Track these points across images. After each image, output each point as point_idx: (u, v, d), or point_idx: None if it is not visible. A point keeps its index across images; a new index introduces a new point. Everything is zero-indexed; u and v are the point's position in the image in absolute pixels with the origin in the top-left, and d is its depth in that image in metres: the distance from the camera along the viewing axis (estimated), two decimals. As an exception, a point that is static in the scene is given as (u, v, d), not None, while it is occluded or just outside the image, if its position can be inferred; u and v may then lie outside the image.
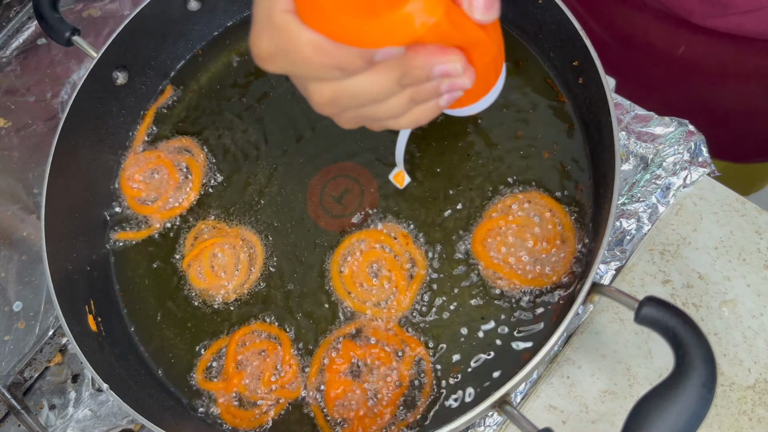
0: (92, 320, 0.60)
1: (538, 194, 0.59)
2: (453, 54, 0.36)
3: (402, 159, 0.56)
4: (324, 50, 0.34)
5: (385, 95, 0.38)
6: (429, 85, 0.38)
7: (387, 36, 0.33)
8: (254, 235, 0.63)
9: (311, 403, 0.56)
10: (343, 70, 0.36)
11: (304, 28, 0.34)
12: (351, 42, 0.34)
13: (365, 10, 0.33)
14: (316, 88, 0.38)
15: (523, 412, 0.52)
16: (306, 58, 0.35)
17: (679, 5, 0.66)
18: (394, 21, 0.33)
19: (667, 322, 0.41)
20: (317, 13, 0.34)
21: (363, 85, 0.37)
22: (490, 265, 0.57)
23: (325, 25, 0.34)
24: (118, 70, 0.68)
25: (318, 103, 0.39)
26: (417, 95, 0.39)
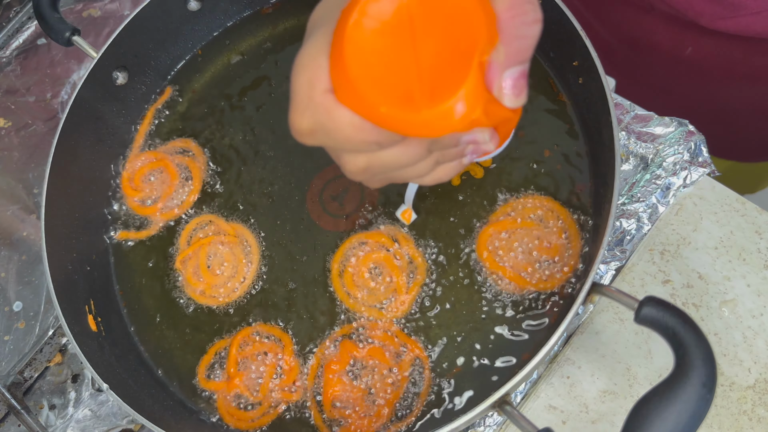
0: (92, 320, 0.60)
1: (540, 196, 0.59)
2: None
3: (411, 199, 0.57)
4: (364, 130, 0.36)
5: (415, 162, 0.39)
6: (455, 150, 0.40)
7: (426, 128, 0.35)
8: (252, 234, 0.63)
9: (309, 403, 0.56)
10: (381, 146, 0.37)
11: (345, 109, 0.35)
12: (390, 128, 0.35)
13: (405, 104, 0.34)
14: (351, 158, 0.39)
15: (523, 412, 0.52)
16: (346, 137, 0.36)
17: (689, 7, 0.66)
18: (433, 115, 0.34)
19: (667, 322, 0.41)
20: (357, 100, 0.35)
21: (396, 155, 0.38)
22: (495, 268, 0.57)
23: (364, 111, 0.35)
24: (118, 70, 0.68)
25: (351, 171, 0.40)
26: (443, 158, 0.40)
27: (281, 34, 0.73)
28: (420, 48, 0.34)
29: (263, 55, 0.72)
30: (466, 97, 0.34)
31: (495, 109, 0.35)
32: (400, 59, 0.34)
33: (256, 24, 0.74)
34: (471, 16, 0.33)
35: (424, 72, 0.34)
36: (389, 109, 0.34)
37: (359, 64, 0.34)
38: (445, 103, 0.34)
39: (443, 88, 0.34)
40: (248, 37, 0.73)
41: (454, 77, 0.34)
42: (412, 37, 0.34)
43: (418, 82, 0.34)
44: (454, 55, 0.34)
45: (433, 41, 0.34)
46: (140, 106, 0.71)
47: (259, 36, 0.73)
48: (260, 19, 0.74)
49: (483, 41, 0.33)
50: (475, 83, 0.34)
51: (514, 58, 0.34)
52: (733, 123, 0.81)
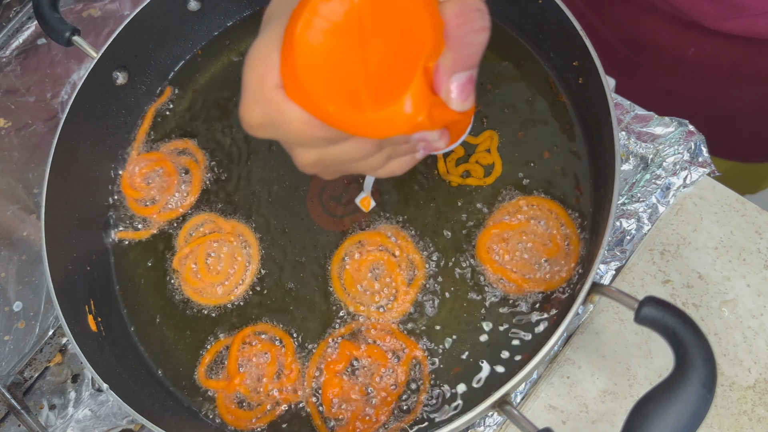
0: (92, 320, 0.60)
1: (540, 197, 0.59)
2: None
3: (370, 187, 0.58)
4: (313, 127, 0.36)
5: (366, 156, 0.40)
6: (406, 146, 0.41)
7: (372, 128, 0.35)
8: (252, 233, 0.63)
9: (308, 402, 0.56)
10: (330, 141, 0.38)
11: (294, 105, 0.36)
12: (337, 127, 0.36)
13: (351, 105, 0.35)
14: (302, 152, 0.40)
15: (523, 412, 0.52)
16: (296, 132, 0.37)
17: (691, 8, 0.66)
18: (378, 117, 0.35)
19: (667, 322, 0.41)
20: (305, 97, 0.35)
21: (346, 150, 0.39)
22: (495, 269, 0.57)
23: (312, 109, 0.36)
24: (118, 70, 0.68)
25: (303, 164, 0.41)
26: (395, 153, 0.42)
27: (281, 34, 0.73)
28: (368, 51, 0.35)
29: (263, 55, 0.72)
30: (411, 102, 0.34)
31: (441, 113, 0.36)
32: (348, 60, 0.35)
33: (256, 24, 0.73)
34: (418, 23, 0.34)
35: (371, 74, 0.35)
36: (336, 108, 0.35)
37: (308, 63, 0.35)
38: (390, 106, 0.34)
39: (389, 91, 0.35)
40: (248, 37, 0.73)
41: (399, 81, 0.34)
42: (360, 39, 0.35)
43: (365, 84, 0.35)
44: (401, 60, 0.35)
45: (381, 45, 0.35)
46: (140, 106, 0.71)
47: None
48: (260, 19, 0.74)
49: (429, 47, 0.34)
50: (420, 88, 0.34)
51: (462, 63, 0.35)
52: (734, 124, 0.81)
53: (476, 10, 0.35)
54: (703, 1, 0.64)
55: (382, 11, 0.35)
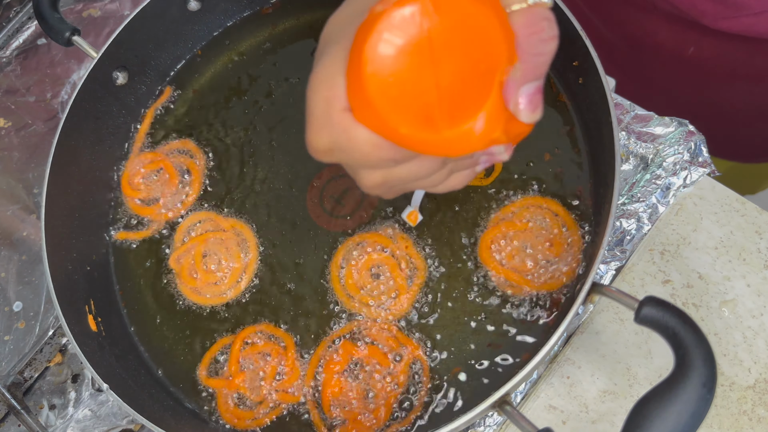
0: (92, 320, 0.60)
1: (541, 197, 0.59)
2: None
3: (419, 202, 0.57)
4: (382, 149, 0.36)
5: (431, 174, 0.40)
6: (469, 161, 0.40)
7: (447, 148, 0.35)
8: (252, 233, 0.63)
9: (308, 402, 0.56)
10: (398, 162, 0.38)
11: (362, 128, 0.35)
12: (409, 148, 0.35)
13: (425, 125, 0.34)
14: (368, 174, 0.40)
15: (523, 412, 0.52)
16: (364, 155, 0.37)
17: (691, 6, 0.66)
18: (454, 136, 0.34)
19: (667, 322, 0.41)
20: (376, 120, 0.34)
21: (412, 170, 0.39)
22: (495, 269, 0.57)
23: (383, 131, 0.35)
24: (118, 70, 0.68)
25: (368, 186, 0.41)
26: (457, 167, 0.41)
27: (281, 34, 0.73)
28: (440, 68, 0.34)
29: (263, 55, 0.72)
30: (487, 118, 0.34)
31: (513, 126, 0.35)
32: (419, 79, 0.34)
33: (256, 24, 0.74)
34: (491, 37, 0.33)
35: (444, 92, 0.34)
36: (409, 129, 0.34)
37: (378, 85, 0.34)
38: (465, 123, 0.34)
39: (464, 108, 0.34)
40: (248, 37, 0.73)
41: (475, 98, 0.34)
42: (431, 56, 0.34)
43: (437, 103, 0.34)
44: (475, 76, 0.34)
45: (453, 61, 0.34)
46: (140, 106, 0.71)
47: (258, 36, 0.73)
48: (260, 19, 0.74)
49: (504, 61, 0.33)
50: (495, 103, 0.34)
51: (531, 74, 0.34)
52: (734, 123, 0.81)
53: (545, 19, 0.34)
54: (703, 0, 0.64)
55: (454, 26, 0.33)
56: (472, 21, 0.33)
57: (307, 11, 0.73)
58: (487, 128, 0.34)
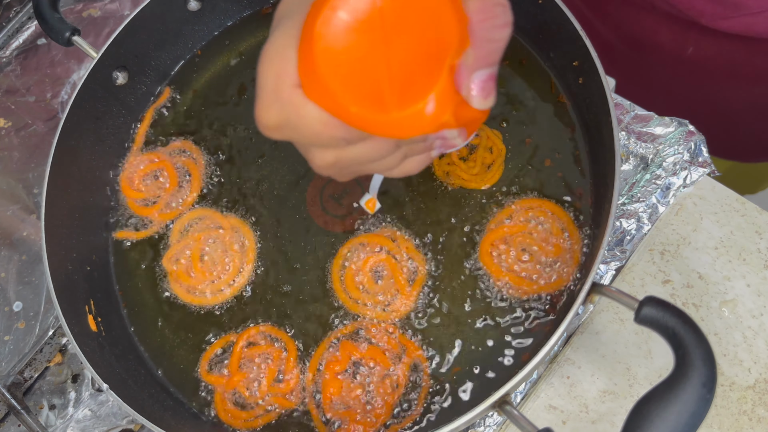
0: (92, 320, 0.60)
1: (540, 199, 0.59)
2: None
3: (377, 189, 0.57)
4: (332, 127, 0.35)
5: (383, 156, 0.39)
6: (423, 145, 0.40)
7: (396, 129, 0.34)
8: (251, 234, 0.63)
9: (309, 402, 0.56)
10: (349, 142, 0.37)
11: (312, 105, 0.35)
12: (359, 127, 0.35)
13: (374, 105, 0.34)
14: (319, 153, 0.39)
15: (523, 412, 0.52)
16: (314, 133, 0.36)
17: (690, 6, 0.66)
18: (403, 117, 0.34)
19: (667, 322, 0.41)
20: (326, 97, 0.34)
21: (364, 151, 0.38)
22: (495, 271, 0.57)
23: (333, 109, 0.34)
24: (118, 70, 0.68)
25: (319, 166, 0.40)
26: (411, 152, 0.41)
27: (281, 34, 0.73)
28: (392, 47, 0.33)
29: (263, 55, 0.72)
30: (437, 100, 0.34)
31: (464, 111, 0.35)
32: (371, 59, 0.34)
33: (256, 24, 0.74)
34: (443, 19, 0.33)
35: (395, 73, 0.34)
36: (358, 108, 0.34)
37: (329, 62, 0.33)
38: (415, 105, 0.34)
39: (414, 90, 0.34)
40: (248, 37, 0.73)
41: (424, 80, 0.33)
42: (383, 36, 0.33)
43: (388, 83, 0.34)
44: (426, 58, 0.33)
45: (405, 43, 0.34)
46: (140, 106, 0.71)
47: (258, 36, 0.73)
48: (260, 19, 0.74)
49: (455, 45, 0.33)
50: (445, 86, 0.33)
51: (483, 60, 0.34)
52: (733, 123, 0.81)
53: (499, 5, 0.34)
54: (702, 0, 0.64)
55: (407, 5, 0.33)
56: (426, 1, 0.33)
57: (307, 11, 0.73)
58: (436, 111, 0.34)
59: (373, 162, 0.40)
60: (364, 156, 0.39)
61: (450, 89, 0.34)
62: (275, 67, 0.36)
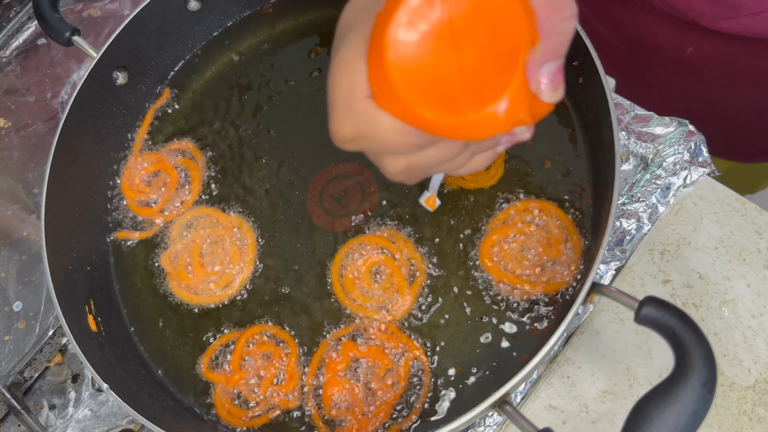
0: (92, 320, 0.60)
1: (541, 200, 0.59)
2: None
3: (437, 187, 0.57)
4: (407, 135, 0.36)
5: (453, 157, 0.40)
6: (491, 141, 0.40)
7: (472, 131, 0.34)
8: (251, 234, 0.63)
9: (309, 402, 0.56)
10: (422, 147, 0.37)
11: (386, 115, 0.35)
12: (434, 133, 0.35)
13: (449, 109, 0.34)
14: (392, 160, 0.39)
15: (523, 412, 0.52)
16: (389, 142, 0.36)
17: (689, 7, 0.66)
18: (479, 119, 0.34)
19: (667, 322, 0.41)
20: (400, 106, 0.34)
21: (435, 154, 0.38)
22: (495, 272, 0.57)
23: (407, 117, 0.34)
24: (118, 70, 0.68)
25: (392, 173, 0.40)
26: (478, 149, 0.41)
27: (280, 34, 0.73)
28: (462, 51, 0.33)
29: (262, 55, 0.72)
30: (511, 99, 0.33)
31: (537, 106, 0.35)
32: (441, 64, 0.33)
33: (256, 24, 0.74)
34: (513, 18, 0.33)
35: (467, 75, 0.33)
36: (433, 114, 0.34)
37: (400, 71, 0.33)
38: (489, 106, 0.33)
39: (488, 91, 0.33)
40: (248, 38, 0.73)
41: (498, 80, 0.33)
42: (452, 40, 0.33)
43: (461, 86, 0.34)
44: (498, 58, 0.33)
45: (475, 44, 0.33)
46: (140, 107, 0.71)
47: (258, 36, 0.73)
48: (260, 19, 0.74)
49: (526, 42, 0.33)
50: (519, 84, 0.33)
51: (552, 53, 0.34)
52: (733, 123, 0.81)
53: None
54: (701, 1, 0.64)
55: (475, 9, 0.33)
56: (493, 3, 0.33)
57: (306, 11, 0.73)
58: (511, 109, 0.34)
59: (444, 163, 0.40)
60: (434, 159, 0.39)
61: (524, 87, 0.34)
62: (346, 80, 0.36)
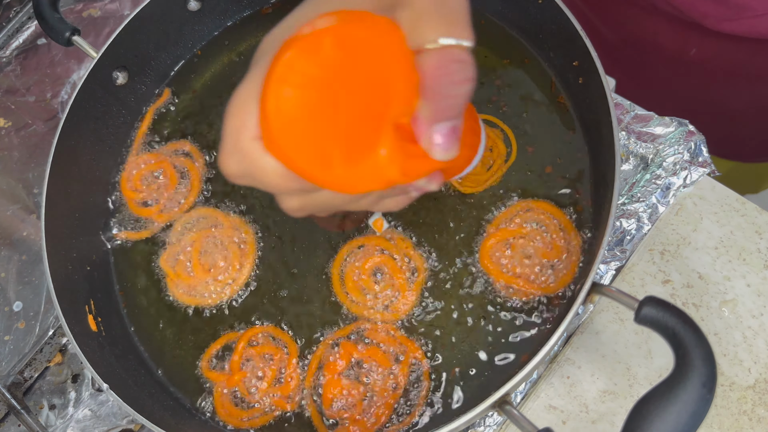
0: (92, 320, 0.60)
1: (540, 201, 0.58)
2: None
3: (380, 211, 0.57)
4: (288, 179, 0.36)
5: (352, 201, 0.40)
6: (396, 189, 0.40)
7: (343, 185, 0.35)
8: (251, 234, 0.63)
9: (308, 403, 0.56)
10: (307, 192, 0.38)
11: (270, 157, 0.36)
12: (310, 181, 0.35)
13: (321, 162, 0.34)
14: (285, 199, 0.40)
15: (523, 412, 0.52)
16: (272, 184, 0.37)
17: (692, 8, 0.66)
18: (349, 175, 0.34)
19: (667, 322, 0.41)
20: (278, 151, 0.35)
21: (329, 197, 0.39)
22: (496, 274, 0.57)
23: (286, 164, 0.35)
24: (118, 70, 0.68)
25: (288, 210, 0.41)
26: (387, 194, 0.41)
27: (281, 34, 0.73)
28: (340, 107, 0.34)
29: (263, 55, 0.72)
30: (381, 159, 0.34)
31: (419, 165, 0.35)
32: (319, 116, 0.34)
33: (256, 24, 0.74)
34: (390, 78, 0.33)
35: (342, 132, 0.34)
36: (306, 164, 0.34)
37: (280, 118, 0.34)
38: (359, 164, 0.34)
39: (358, 149, 0.34)
40: (248, 38, 0.73)
41: (368, 139, 0.34)
42: (334, 95, 0.34)
43: (335, 141, 0.34)
44: (369, 117, 0.34)
45: (353, 102, 0.34)
46: (140, 107, 0.71)
47: (258, 36, 0.73)
48: (260, 19, 0.74)
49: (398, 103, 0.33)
50: (391, 144, 0.34)
51: (442, 114, 0.34)
52: (735, 123, 0.81)
53: (457, 61, 0.34)
54: (705, 2, 0.64)
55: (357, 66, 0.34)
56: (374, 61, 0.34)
57: (307, 11, 0.73)
58: (382, 170, 0.34)
59: (346, 204, 0.40)
60: (330, 202, 0.39)
61: (397, 147, 0.34)
62: (238, 119, 0.37)
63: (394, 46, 0.33)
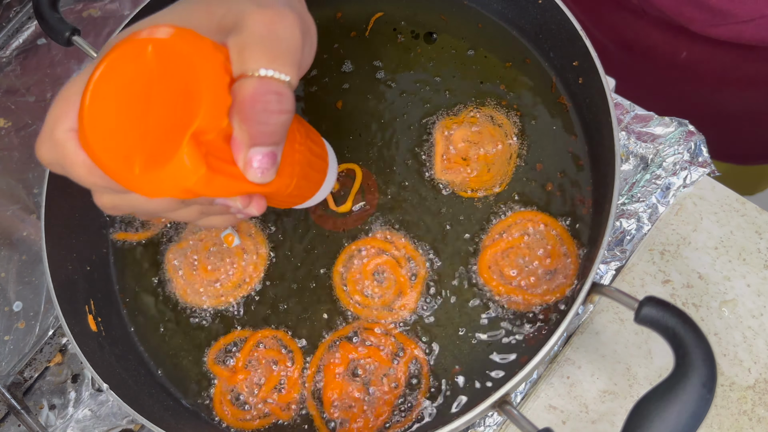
0: (92, 320, 0.60)
1: (535, 212, 0.58)
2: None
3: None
4: (94, 174, 0.37)
5: (168, 210, 0.40)
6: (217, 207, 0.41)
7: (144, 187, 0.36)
8: (260, 233, 0.63)
9: (309, 403, 0.57)
10: (116, 191, 0.38)
11: (81, 151, 0.37)
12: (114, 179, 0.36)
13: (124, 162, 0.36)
14: (97, 194, 0.40)
15: (523, 412, 0.52)
16: (80, 177, 0.37)
17: (679, 14, 0.66)
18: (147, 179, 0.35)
19: (667, 322, 0.41)
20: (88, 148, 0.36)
21: (142, 202, 0.39)
22: (497, 288, 0.56)
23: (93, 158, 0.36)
24: (118, 70, 0.67)
25: (101, 206, 0.41)
26: (207, 211, 0.41)
27: (281, 34, 0.73)
28: (149, 114, 0.36)
29: (263, 55, 0.72)
30: (178, 168, 0.35)
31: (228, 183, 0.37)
32: (128, 119, 0.36)
33: (256, 24, 0.74)
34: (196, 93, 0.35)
35: (146, 137, 0.35)
36: (110, 162, 0.36)
37: (92, 113, 0.36)
38: (157, 170, 0.35)
39: (157, 156, 0.35)
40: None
41: (168, 147, 0.35)
42: (146, 100, 0.36)
43: (138, 145, 0.35)
44: (172, 127, 0.35)
45: (159, 111, 0.35)
46: (140, 106, 0.71)
47: (259, 36, 0.73)
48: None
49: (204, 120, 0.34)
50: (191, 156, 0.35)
51: (258, 139, 0.35)
52: (729, 126, 0.81)
53: (274, 93, 0.35)
54: (690, 8, 0.64)
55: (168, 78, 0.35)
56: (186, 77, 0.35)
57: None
58: (177, 178, 0.35)
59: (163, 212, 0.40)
60: (144, 206, 0.39)
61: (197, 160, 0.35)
62: (59, 108, 0.37)
63: (208, 67, 0.35)
